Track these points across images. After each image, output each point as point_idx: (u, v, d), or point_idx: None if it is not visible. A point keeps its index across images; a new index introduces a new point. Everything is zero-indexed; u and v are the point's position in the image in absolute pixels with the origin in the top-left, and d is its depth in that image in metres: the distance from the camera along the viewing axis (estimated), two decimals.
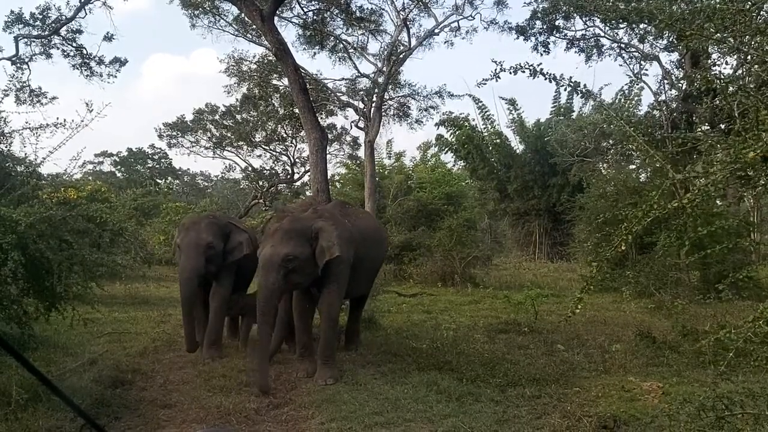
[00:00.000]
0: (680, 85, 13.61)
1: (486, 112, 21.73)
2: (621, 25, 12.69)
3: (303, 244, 5.45)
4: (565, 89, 3.26)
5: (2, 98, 8.71)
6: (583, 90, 3.29)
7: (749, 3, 3.36)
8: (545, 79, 3.20)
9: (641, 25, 11.97)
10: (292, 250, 5.36)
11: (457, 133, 21.37)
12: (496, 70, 3.17)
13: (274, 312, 5.46)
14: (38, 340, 5.97)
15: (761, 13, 3.48)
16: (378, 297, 9.86)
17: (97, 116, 6.35)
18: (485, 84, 3.32)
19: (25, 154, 6.86)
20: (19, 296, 5.02)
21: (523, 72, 3.18)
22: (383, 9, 16.17)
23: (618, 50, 14.33)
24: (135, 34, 48.58)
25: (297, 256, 5.37)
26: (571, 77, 3.23)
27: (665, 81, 13.87)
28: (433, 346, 6.71)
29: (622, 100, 17.78)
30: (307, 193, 21.95)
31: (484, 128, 21.93)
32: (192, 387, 5.28)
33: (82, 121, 6.26)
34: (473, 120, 21.98)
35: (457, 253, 13.40)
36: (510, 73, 3.19)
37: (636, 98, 17.59)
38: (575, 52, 14.26)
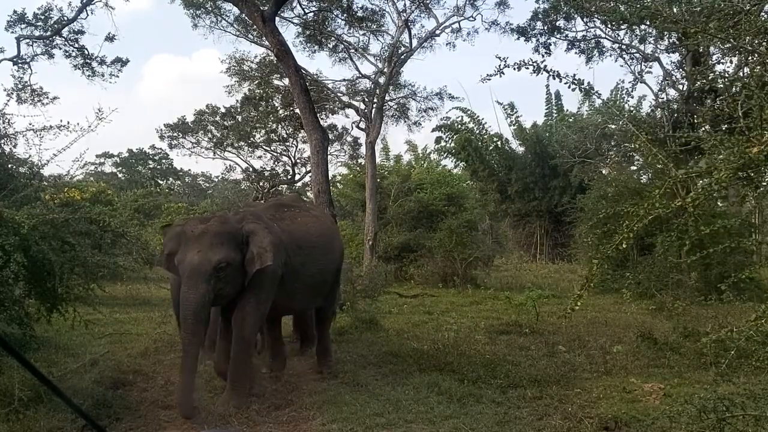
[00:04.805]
0: (680, 86, 13.61)
1: (477, 117, 21.77)
2: (622, 27, 12.68)
3: (234, 250, 4.72)
4: (569, 86, 3.24)
5: (7, 100, 8.75)
6: (586, 87, 3.29)
7: (749, 4, 3.37)
8: (549, 75, 3.19)
9: (641, 27, 11.96)
10: (225, 256, 4.62)
11: (455, 137, 21.39)
12: (500, 65, 3.16)
13: (204, 329, 4.79)
14: (39, 341, 5.97)
15: (761, 14, 3.48)
16: (379, 298, 9.87)
17: (104, 120, 6.38)
18: (489, 79, 3.33)
19: (29, 155, 6.89)
20: (21, 297, 5.03)
21: (527, 68, 3.18)
22: (384, 10, 16.22)
23: (619, 51, 14.34)
24: (136, 35, 48.70)
25: (229, 263, 4.65)
26: (574, 75, 3.24)
27: (666, 82, 13.86)
28: (434, 348, 6.70)
29: (626, 99, 17.77)
30: (308, 193, 21.96)
31: (480, 133, 21.94)
32: None
33: (90, 126, 6.26)
34: (470, 123, 22.02)
35: (458, 254, 13.38)
36: (514, 69, 3.16)
37: (631, 99, 17.61)
38: (576, 53, 14.29)
